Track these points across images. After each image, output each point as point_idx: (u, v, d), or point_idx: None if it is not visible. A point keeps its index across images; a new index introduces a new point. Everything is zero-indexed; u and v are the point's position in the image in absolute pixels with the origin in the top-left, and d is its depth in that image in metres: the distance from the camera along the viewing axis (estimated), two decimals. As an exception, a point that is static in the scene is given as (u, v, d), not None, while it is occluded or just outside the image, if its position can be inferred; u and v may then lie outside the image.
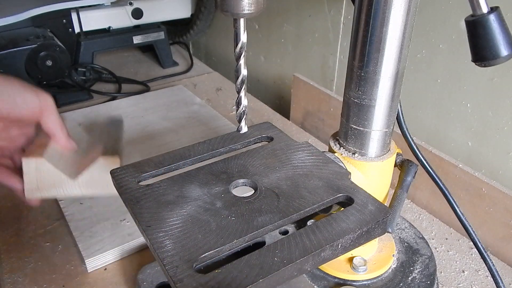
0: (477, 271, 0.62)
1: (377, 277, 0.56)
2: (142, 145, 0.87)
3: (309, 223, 0.53)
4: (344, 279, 0.55)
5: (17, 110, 0.48)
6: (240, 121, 0.41)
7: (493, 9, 0.38)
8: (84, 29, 1.13)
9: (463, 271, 0.62)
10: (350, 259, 0.56)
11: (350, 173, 0.47)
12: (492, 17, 0.37)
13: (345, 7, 0.86)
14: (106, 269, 0.62)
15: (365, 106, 0.48)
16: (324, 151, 0.52)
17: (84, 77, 1.13)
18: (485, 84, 0.66)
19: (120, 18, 1.18)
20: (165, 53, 1.25)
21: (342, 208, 0.42)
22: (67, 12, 1.08)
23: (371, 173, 0.51)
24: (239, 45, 0.37)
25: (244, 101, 0.40)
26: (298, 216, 0.40)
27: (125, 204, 0.43)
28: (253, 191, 0.44)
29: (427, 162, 0.53)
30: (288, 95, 1.02)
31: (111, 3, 1.16)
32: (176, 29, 1.37)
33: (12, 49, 0.95)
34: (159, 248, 0.36)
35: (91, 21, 1.14)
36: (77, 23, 1.11)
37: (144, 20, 1.20)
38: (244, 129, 0.41)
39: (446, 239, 0.68)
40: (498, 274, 0.52)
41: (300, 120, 1.00)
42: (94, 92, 1.08)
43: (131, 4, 1.17)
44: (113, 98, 1.07)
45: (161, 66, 1.26)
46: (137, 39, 1.20)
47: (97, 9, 1.15)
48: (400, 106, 0.51)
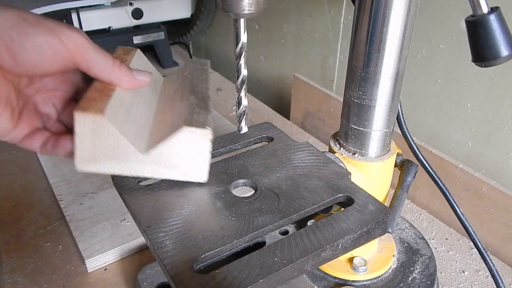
0: (477, 271, 0.62)
1: (377, 277, 0.56)
2: (142, 145, 0.87)
3: (309, 223, 0.53)
4: (344, 279, 0.55)
5: (37, 67, 0.36)
6: (240, 121, 0.41)
7: (493, 9, 0.38)
8: (84, 29, 1.13)
9: (463, 271, 0.62)
10: (350, 259, 0.56)
11: (350, 173, 0.46)
12: (493, 17, 0.37)
13: (345, 7, 0.86)
14: (106, 269, 0.62)
15: (365, 106, 0.48)
16: (324, 151, 0.52)
17: (84, 77, 1.13)
18: (485, 84, 0.66)
19: (120, 18, 1.18)
20: (165, 53, 1.25)
21: (342, 208, 0.42)
22: (67, 12, 1.08)
23: (371, 173, 0.51)
24: (239, 45, 0.37)
25: (244, 101, 0.40)
26: (298, 216, 0.40)
27: (125, 204, 0.43)
28: (253, 191, 0.44)
29: (427, 162, 0.53)
30: (288, 95, 1.02)
31: (111, 3, 1.16)
32: (176, 29, 1.37)
33: (12, 49, 0.95)
34: (159, 248, 0.36)
35: (91, 21, 1.14)
36: (77, 23, 1.11)
37: (144, 20, 1.20)
38: (244, 129, 0.41)
39: (446, 239, 0.68)
40: (498, 274, 0.52)
41: (300, 120, 1.00)
42: (94, 92, 1.08)
43: (131, 4, 1.17)
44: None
45: (161, 66, 1.26)
46: (137, 39, 1.20)
47: (97, 9, 1.15)
48: (400, 106, 0.51)
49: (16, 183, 0.78)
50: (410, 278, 0.56)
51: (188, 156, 0.40)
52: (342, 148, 0.52)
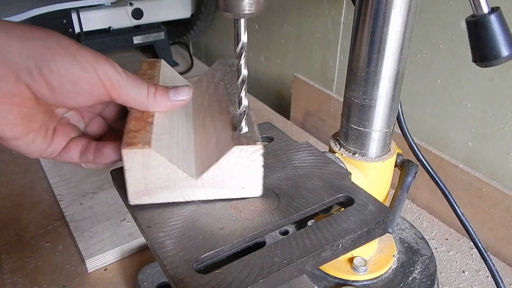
0: (478, 272, 0.62)
1: (378, 278, 0.56)
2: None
3: (310, 223, 0.53)
4: (345, 280, 0.55)
5: (73, 100, 0.36)
6: (240, 121, 0.41)
7: (494, 10, 0.38)
8: (85, 29, 1.13)
9: (464, 272, 0.62)
10: (351, 260, 0.56)
11: (351, 174, 0.46)
12: (493, 18, 0.37)
13: (345, 8, 0.86)
14: (106, 269, 0.62)
15: (366, 107, 0.48)
16: (325, 152, 0.51)
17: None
18: (486, 85, 0.66)
19: (120, 18, 1.18)
20: (165, 53, 1.25)
21: (343, 209, 0.42)
22: (67, 12, 1.08)
23: (372, 174, 0.51)
24: (240, 45, 0.37)
25: (245, 101, 0.40)
26: (299, 217, 0.40)
27: (126, 205, 0.43)
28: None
29: (428, 163, 0.53)
30: (288, 95, 1.02)
31: (111, 3, 1.16)
32: (176, 29, 1.37)
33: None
34: (160, 248, 0.36)
35: (92, 21, 1.14)
36: (77, 23, 1.11)
37: (144, 20, 1.20)
38: (245, 130, 0.41)
39: (447, 240, 0.68)
40: (499, 275, 0.52)
41: (300, 120, 1.00)
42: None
43: (131, 4, 1.17)
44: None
45: (161, 66, 1.26)
46: (137, 39, 1.20)
47: (97, 9, 1.15)
48: (401, 107, 0.51)
49: (16, 183, 0.78)
50: (410, 278, 0.56)
51: (241, 174, 0.39)
52: (342, 148, 0.52)
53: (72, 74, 0.34)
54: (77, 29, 1.12)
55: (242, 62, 0.38)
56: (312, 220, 0.55)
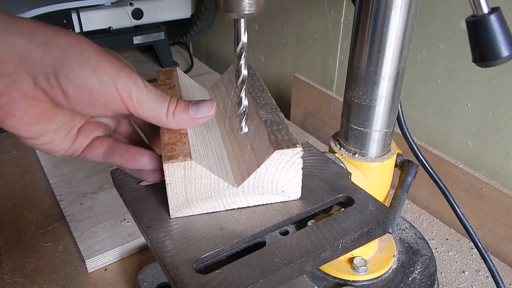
0: (478, 272, 0.62)
1: (378, 278, 0.56)
2: (142, 146, 0.87)
3: (310, 224, 0.53)
4: (345, 280, 0.55)
5: (89, 110, 0.36)
6: (241, 122, 0.41)
7: (494, 10, 0.38)
8: (85, 30, 1.13)
9: (464, 272, 0.62)
10: (351, 260, 0.56)
11: (351, 174, 0.46)
12: (493, 18, 0.37)
13: (345, 8, 0.86)
14: (106, 270, 0.62)
15: (366, 107, 0.48)
16: (325, 152, 0.51)
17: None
18: (486, 85, 0.66)
19: (121, 19, 1.18)
20: (165, 54, 1.25)
21: (343, 209, 0.42)
22: (67, 13, 1.08)
23: (372, 174, 0.51)
24: (240, 46, 0.37)
25: (245, 102, 0.40)
26: (299, 217, 0.40)
27: (126, 205, 0.43)
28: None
29: (428, 163, 0.53)
30: (288, 95, 1.02)
31: (112, 4, 1.16)
32: (176, 30, 1.37)
33: (12, 50, 0.95)
34: (160, 249, 0.36)
35: (92, 22, 1.14)
36: (78, 24, 1.11)
37: (144, 21, 1.20)
38: (245, 130, 0.41)
39: (447, 240, 0.68)
40: (499, 275, 0.52)
41: (300, 120, 1.00)
42: (94, 93, 1.08)
43: (132, 5, 1.17)
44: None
45: (161, 67, 1.26)
46: (137, 40, 1.20)
47: (98, 10, 1.15)
48: (401, 107, 0.51)
49: (16, 183, 0.78)
50: (410, 278, 0.56)
51: (281, 178, 0.39)
52: (342, 148, 0.52)
53: (89, 86, 0.34)
54: (77, 29, 1.12)
55: (242, 62, 0.38)
56: (312, 220, 0.55)
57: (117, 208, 0.70)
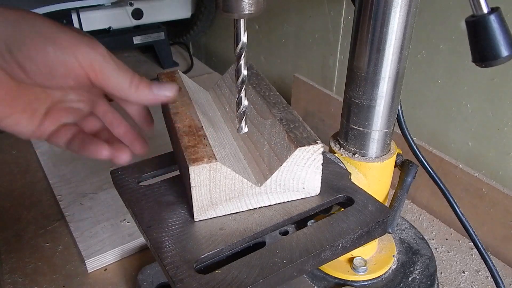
0: (478, 272, 0.62)
1: (377, 278, 0.56)
2: (142, 146, 0.87)
3: (310, 224, 0.53)
4: (344, 280, 0.55)
5: (50, 82, 0.35)
6: (240, 122, 0.41)
7: (494, 10, 0.38)
8: (85, 30, 1.13)
9: (463, 272, 0.62)
10: (350, 260, 0.56)
11: (350, 174, 0.46)
12: (493, 18, 0.37)
13: (345, 8, 0.86)
14: (106, 270, 0.62)
15: (365, 107, 0.48)
16: (324, 152, 0.51)
17: (84, 78, 1.13)
18: (486, 85, 0.66)
19: (120, 19, 1.18)
20: (165, 54, 1.25)
21: (342, 209, 0.42)
22: (68, 13, 1.08)
23: (371, 174, 0.51)
24: (240, 46, 0.37)
25: (245, 102, 0.40)
26: (299, 217, 0.40)
27: (126, 205, 0.43)
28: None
29: (427, 163, 0.53)
30: (288, 95, 1.02)
31: (112, 4, 1.16)
32: (176, 30, 1.37)
33: (12, 50, 0.95)
34: (160, 249, 0.36)
35: (92, 22, 1.14)
36: (78, 24, 1.11)
37: (144, 21, 1.20)
38: (245, 130, 0.41)
39: (446, 240, 0.68)
40: (499, 275, 0.52)
41: (300, 121, 1.00)
42: (94, 93, 1.08)
43: (132, 5, 1.17)
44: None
45: (161, 67, 1.26)
46: (137, 40, 1.20)
47: (98, 10, 1.15)
48: (401, 107, 0.51)
49: (16, 183, 0.78)
50: (410, 279, 0.56)
51: (302, 175, 0.39)
52: (342, 149, 0.52)
53: (45, 57, 0.33)
54: (77, 29, 1.12)
55: (242, 62, 0.38)
56: (312, 220, 0.55)
57: (117, 208, 0.70)
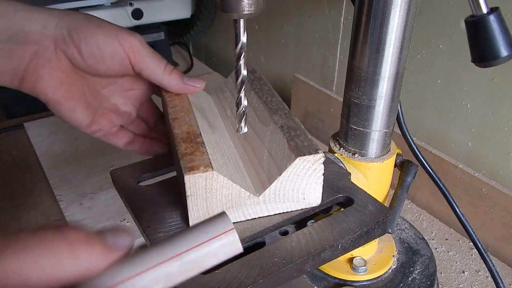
0: (477, 272, 0.62)
1: (377, 278, 0.56)
2: (142, 146, 0.87)
3: (309, 224, 0.53)
4: (344, 280, 0.55)
5: (99, 64, 0.42)
6: (240, 122, 0.41)
7: (493, 10, 0.38)
8: (85, 30, 1.13)
9: (463, 272, 0.62)
10: (350, 260, 0.56)
11: (350, 174, 0.46)
12: (492, 18, 0.37)
13: (345, 8, 0.86)
14: (106, 270, 0.62)
15: (365, 107, 0.48)
16: (324, 152, 0.51)
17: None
18: (485, 85, 0.66)
19: (120, 19, 1.17)
20: (165, 54, 1.25)
21: (342, 209, 0.42)
22: (68, 13, 1.08)
23: (371, 174, 0.51)
24: (239, 46, 0.37)
25: (244, 102, 0.40)
26: (298, 217, 0.40)
27: (125, 205, 0.43)
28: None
29: (427, 163, 0.53)
30: (288, 96, 1.02)
31: (111, 4, 1.16)
32: (176, 30, 1.37)
33: (13, 50, 0.95)
34: (159, 249, 0.36)
35: (91, 22, 1.14)
36: (78, 24, 1.11)
37: (144, 21, 1.20)
38: (244, 130, 0.41)
39: (446, 240, 0.68)
40: (498, 275, 0.52)
41: (300, 121, 0.99)
42: (94, 93, 1.08)
43: (131, 5, 1.17)
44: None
45: (161, 67, 1.26)
46: (137, 40, 1.20)
47: (97, 10, 1.15)
48: (400, 107, 0.51)
49: (16, 183, 0.78)
50: (410, 279, 0.56)
51: (302, 185, 0.38)
52: (342, 149, 0.52)
53: (96, 40, 0.41)
54: (77, 29, 1.12)
55: (242, 62, 0.38)
56: (312, 220, 0.55)
57: (117, 208, 0.70)
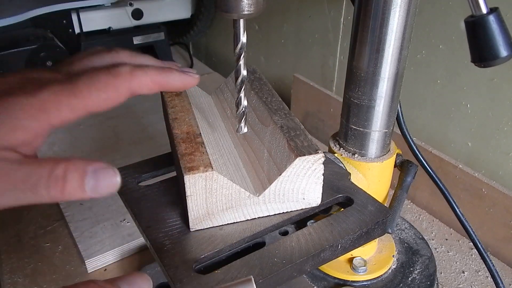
0: (477, 272, 0.62)
1: (377, 278, 0.56)
2: (142, 146, 0.87)
3: (309, 224, 0.53)
4: (344, 280, 0.55)
5: None
6: (240, 122, 0.41)
7: (493, 10, 0.38)
8: (84, 30, 1.13)
9: (463, 272, 0.62)
10: (350, 260, 0.56)
11: (350, 174, 0.46)
12: (492, 18, 0.37)
13: (345, 8, 0.86)
14: (106, 270, 0.62)
15: (365, 107, 0.48)
16: (324, 152, 0.51)
17: (84, 78, 1.13)
18: (485, 85, 0.66)
19: (120, 19, 1.17)
20: (165, 54, 1.25)
21: (342, 209, 0.42)
22: (67, 13, 1.08)
23: (371, 174, 0.51)
24: (239, 46, 0.37)
25: (244, 102, 0.40)
26: (298, 217, 0.40)
27: (125, 205, 0.43)
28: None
29: (427, 163, 0.53)
30: (288, 96, 1.02)
31: (111, 4, 1.16)
32: (176, 30, 1.37)
33: (12, 50, 0.95)
34: (159, 249, 0.36)
35: (91, 22, 1.14)
36: (77, 24, 1.11)
37: (144, 21, 1.20)
38: (244, 130, 0.41)
39: (446, 240, 0.68)
40: (498, 275, 0.52)
41: (300, 121, 0.99)
42: (94, 93, 1.08)
43: (131, 5, 1.17)
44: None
45: (161, 67, 1.26)
46: (137, 40, 1.20)
47: (97, 10, 1.15)
48: (400, 107, 0.51)
49: (16, 184, 0.78)
50: (410, 279, 0.56)
51: (302, 185, 0.38)
52: (342, 149, 0.52)
53: None
54: (77, 30, 1.12)
55: (242, 63, 0.38)
56: (312, 220, 0.55)
57: (117, 208, 0.70)
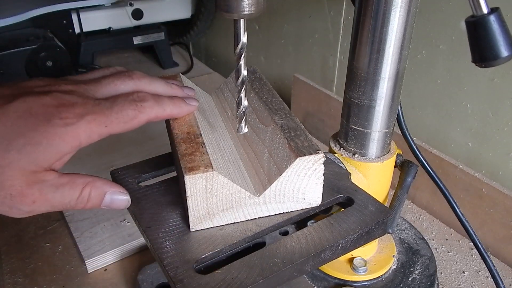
0: (478, 272, 0.62)
1: (377, 278, 0.56)
2: (142, 146, 0.87)
3: (310, 224, 0.53)
4: (344, 280, 0.55)
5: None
6: (240, 122, 0.41)
7: (493, 10, 0.38)
8: (84, 30, 1.13)
9: (464, 272, 0.62)
10: (350, 260, 0.56)
11: (350, 174, 0.46)
12: (492, 18, 0.37)
13: (345, 8, 0.86)
14: (106, 270, 0.62)
15: (365, 107, 0.48)
16: (324, 152, 0.51)
17: (84, 78, 1.13)
18: (486, 85, 0.66)
19: (121, 19, 1.18)
20: (165, 54, 1.25)
21: (342, 209, 0.42)
22: (67, 13, 1.09)
23: (371, 174, 0.51)
24: (239, 46, 0.37)
25: (244, 102, 0.40)
26: (299, 217, 0.40)
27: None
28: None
29: (427, 163, 0.53)
30: (288, 96, 1.02)
31: (112, 4, 1.16)
32: (177, 30, 1.37)
33: (12, 50, 0.95)
34: (159, 249, 0.36)
35: (91, 22, 1.14)
36: (77, 24, 1.11)
37: (144, 21, 1.20)
38: (244, 130, 0.41)
39: (447, 240, 0.68)
40: (499, 275, 0.52)
41: (300, 121, 0.99)
42: (94, 93, 1.08)
43: (132, 5, 1.17)
44: (113, 99, 1.06)
45: (161, 67, 1.26)
46: (137, 40, 1.20)
47: (98, 10, 1.15)
48: (400, 107, 0.51)
49: (16, 184, 0.78)
50: (410, 279, 0.56)
51: (302, 185, 0.38)
52: (342, 149, 0.52)
53: None
54: (77, 30, 1.12)
55: (242, 63, 0.38)
56: (312, 221, 0.55)
57: (117, 209, 0.70)
